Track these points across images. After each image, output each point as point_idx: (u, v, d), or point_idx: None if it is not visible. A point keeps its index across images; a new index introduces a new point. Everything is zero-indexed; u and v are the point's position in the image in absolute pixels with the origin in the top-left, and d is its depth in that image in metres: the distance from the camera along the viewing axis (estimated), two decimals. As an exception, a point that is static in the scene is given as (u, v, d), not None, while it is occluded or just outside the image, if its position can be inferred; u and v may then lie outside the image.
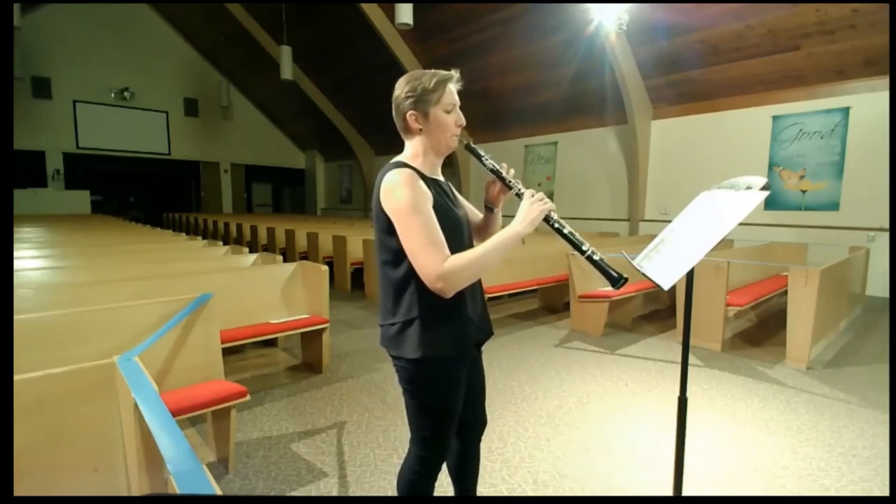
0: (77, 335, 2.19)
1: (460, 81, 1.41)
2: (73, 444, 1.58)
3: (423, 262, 1.26)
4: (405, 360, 1.36)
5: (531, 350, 4.25)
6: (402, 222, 1.28)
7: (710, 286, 4.20)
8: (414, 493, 1.49)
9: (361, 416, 2.94)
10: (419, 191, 1.29)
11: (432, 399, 1.41)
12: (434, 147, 1.40)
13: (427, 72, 1.38)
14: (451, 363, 1.38)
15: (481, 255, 1.27)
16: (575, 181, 10.12)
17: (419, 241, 1.25)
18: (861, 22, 5.88)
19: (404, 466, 1.53)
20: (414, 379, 1.39)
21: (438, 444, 1.45)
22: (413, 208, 1.26)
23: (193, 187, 17.31)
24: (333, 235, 7.22)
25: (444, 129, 1.38)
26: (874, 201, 6.51)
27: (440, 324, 1.35)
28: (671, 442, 1.68)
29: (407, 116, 1.37)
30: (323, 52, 12.32)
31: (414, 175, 1.32)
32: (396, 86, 1.39)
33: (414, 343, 1.34)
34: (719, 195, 1.60)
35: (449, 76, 1.38)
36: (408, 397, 1.44)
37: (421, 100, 1.34)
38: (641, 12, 6.95)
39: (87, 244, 5.48)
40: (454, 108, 1.38)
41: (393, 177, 1.30)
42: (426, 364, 1.35)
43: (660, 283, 1.51)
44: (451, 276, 1.24)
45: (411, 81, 1.36)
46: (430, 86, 1.34)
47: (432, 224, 1.28)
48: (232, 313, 3.36)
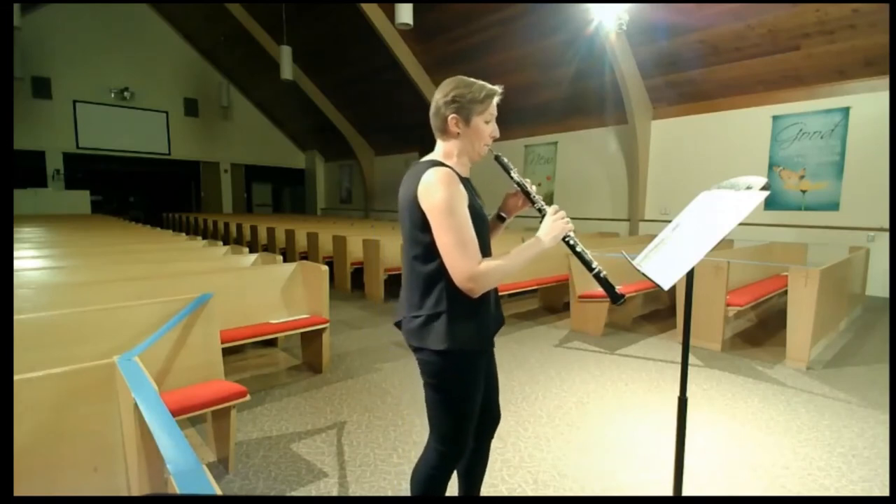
0: (77, 335, 2.19)
1: (501, 95, 1.47)
2: (73, 444, 1.58)
3: (456, 261, 1.32)
4: (429, 351, 1.40)
5: (531, 350, 4.25)
6: (438, 220, 1.33)
7: (710, 286, 4.20)
8: (430, 489, 1.51)
9: (361, 416, 2.94)
10: (457, 190, 1.35)
11: (455, 392, 1.45)
12: (467, 152, 1.47)
13: (476, 82, 1.44)
14: (473, 357, 1.44)
15: (509, 263, 1.36)
16: (575, 181, 10.12)
17: (454, 241, 1.31)
18: (861, 22, 5.88)
19: (421, 462, 1.55)
20: (438, 372, 1.43)
21: (458, 440, 1.48)
22: (451, 208, 1.32)
23: (193, 187, 17.31)
24: (333, 235, 7.22)
25: (481, 137, 1.45)
26: (874, 201, 6.51)
27: (465, 319, 1.40)
28: (671, 442, 1.68)
29: (448, 119, 1.42)
30: (323, 52, 12.32)
31: (453, 175, 1.37)
32: (440, 87, 1.44)
33: (440, 336, 1.38)
34: (719, 195, 1.60)
35: (495, 91, 1.45)
36: (431, 391, 1.47)
37: (466, 107, 1.40)
38: (641, 12, 6.95)
39: (87, 244, 5.48)
40: (493, 121, 1.47)
41: (433, 175, 1.34)
42: (450, 357, 1.39)
43: (660, 283, 1.52)
44: (481, 278, 1.32)
45: (460, 88, 1.41)
46: (480, 97, 1.41)
47: (467, 225, 1.34)
48: (232, 313, 3.36)
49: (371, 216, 15.64)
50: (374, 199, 15.91)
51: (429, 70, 10.72)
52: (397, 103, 12.53)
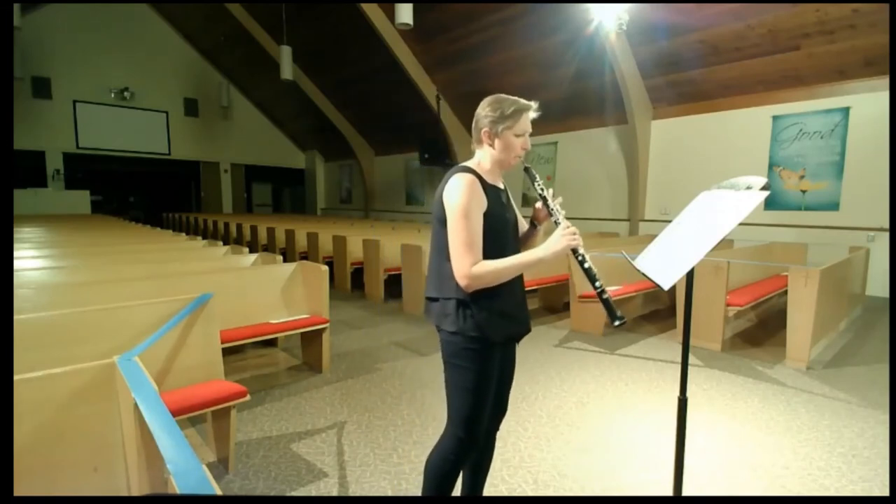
0: (77, 335, 2.19)
1: (539, 111, 1.60)
2: (73, 444, 1.58)
3: (457, 258, 1.47)
4: (446, 332, 1.56)
5: (531, 350, 4.25)
6: (452, 220, 1.49)
7: (710, 286, 4.20)
8: (444, 476, 1.60)
9: (361, 416, 2.94)
10: (474, 197, 1.49)
11: (467, 374, 1.55)
12: (499, 162, 1.61)
13: (510, 98, 1.56)
14: (482, 343, 1.53)
15: (503, 268, 1.48)
16: (575, 181, 10.12)
17: (460, 241, 1.47)
18: (861, 22, 5.88)
19: (437, 450, 1.63)
20: (454, 352, 1.55)
21: (473, 423, 1.57)
22: (464, 212, 1.46)
23: (193, 187, 17.30)
24: (333, 235, 7.22)
25: (511, 149, 1.58)
26: (874, 201, 6.51)
27: (473, 310, 1.52)
28: (671, 442, 1.68)
29: (483, 132, 1.58)
30: (323, 52, 12.31)
31: (475, 181, 1.51)
32: (482, 104, 1.59)
33: (452, 318, 1.53)
34: (719, 195, 1.60)
35: (528, 106, 1.57)
36: (448, 371, 1.60)
37: (498, 121, 1.54)
38: (641, 12, 6.95)
39: (88, 244, 5.48)
40: (524, 135, 1.58)
41: (457, 180, 1.50)
42: (462, 338, 1.53)
43: (660, 283, 1.52)
44: (474, 278, 1.46)
45: (495, 104, 1.56)
46: (508, 112, 1.53)
47: (477, 229, 1.48)
48: (232, 313, 3.36)
49: (371, 216, 15.63)
50: (374, 199, 15.90)
51: (429, 70, 10.71)
52: (397, 103, 12.52)
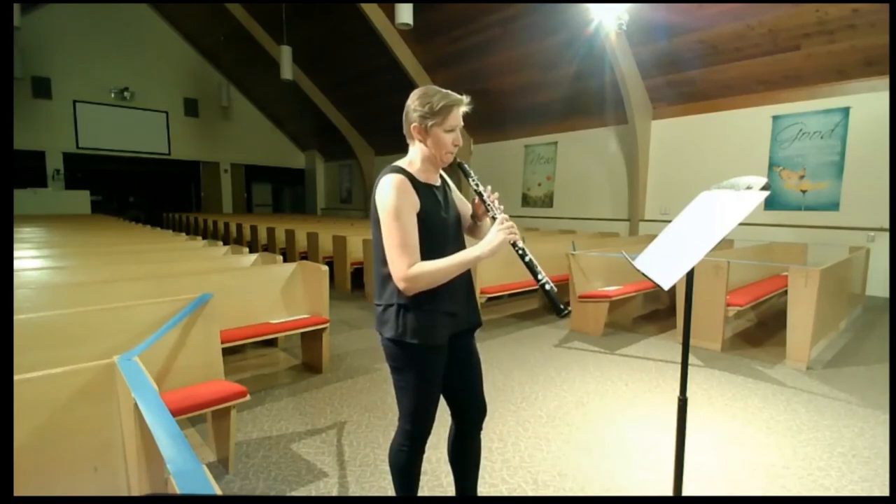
0: (77, 335, 2.19)
1: (470, 105, 1.53)
2: (73, 444, 1.58)
3: (393, 262, 1.45)
4: (385, 338, 1.56)
5: (531, 350, 4.24)
6: (384, 224, 1.46)
7: (710, 286, 4.20)
8: (400, 464, 1.63)
9: (361, 416, 2.94)
10: (405, 198, 1.45)
11: (409, 376, 1.56)
12: (430, 158, 1.56)
13: (440, 92, 1.51)
14: (420, 349, 1.52)
15: (442, 268, 1.44)
16: (575, 181, 10.12)
17: (394, 244, 1.44)
18: (861, 22, 5.88)
19: (392, 443, 1.67)
20: (393, 357, 1.57)
21: (417, 418, 1.59)
22: (395, 214, 1.43)
23: (193, 187, 17.29)
24: (333, 235, 7.22)
25: (442, 146, 1.53)
26: (874, 201, 6.51)
27: (416, 313, 1.51)
28: (671, 442, 1.68)
29: (412, 127, 1.54)
30: (323, 52, 12.31)
31: (405, 182, 1.47)
32: (411, 96, 1.54)
33: (391, 325, 1.52)
34: (719, 195, 1.60)
35: (458, 101, 1.50)
36: (391, 374, 1.62)
37: (427, 116, 1.49)
38: (641, 12, 6.95)
39: (88, 244, 5.48)
40: (455, 130, 1.52)
41: (385, 181, 1.47)
42: (400, 345, 1.53)
43: (660, 283, 1.52)
44: (412, 280, 1.43)
45: (423, 97, 1.50)
46: (437, 108, 1.48)
47: (410, 230, 1.45)
48: (232, 313, 3.36)
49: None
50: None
51: (429, 70, 10.70)
52: (397, 103, 12.41)
